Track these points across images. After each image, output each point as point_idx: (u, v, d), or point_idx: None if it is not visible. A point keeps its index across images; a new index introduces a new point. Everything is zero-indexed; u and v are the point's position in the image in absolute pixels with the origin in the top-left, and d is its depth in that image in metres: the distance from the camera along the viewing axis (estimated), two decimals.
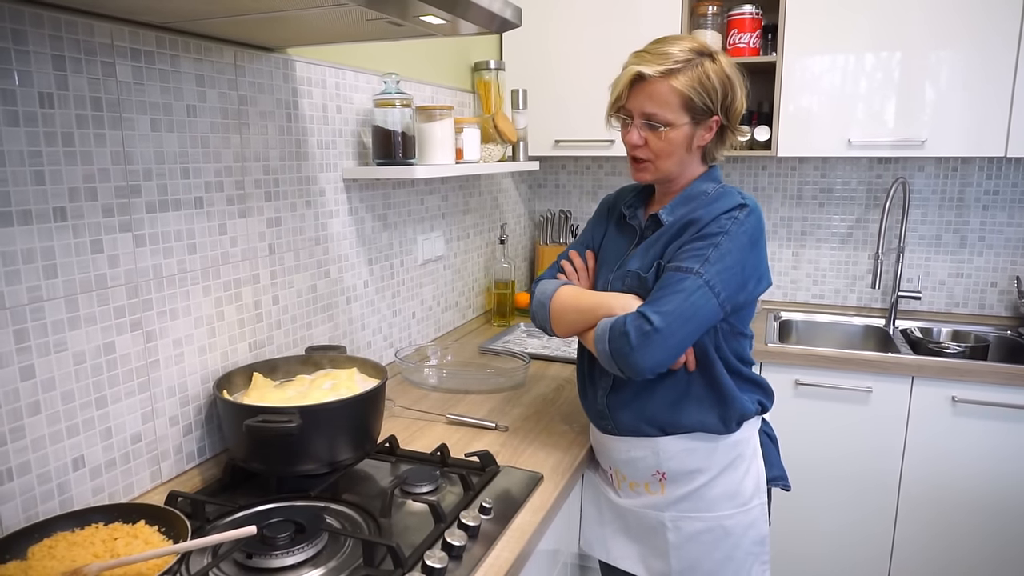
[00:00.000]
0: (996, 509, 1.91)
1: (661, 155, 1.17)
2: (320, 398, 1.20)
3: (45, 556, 0.87)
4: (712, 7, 2.20)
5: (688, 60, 1.12)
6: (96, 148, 1.03)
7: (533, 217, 2.82)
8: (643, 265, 1.18)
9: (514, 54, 2.35)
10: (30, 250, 0.96)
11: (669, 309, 1.08)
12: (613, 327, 1.11)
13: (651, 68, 1.11)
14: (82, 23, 1.00)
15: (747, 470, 1.25)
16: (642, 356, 1.08)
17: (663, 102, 1.12)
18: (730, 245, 1.11)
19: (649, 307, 1.10)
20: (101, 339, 1.07)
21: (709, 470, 1.22)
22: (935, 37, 1.98)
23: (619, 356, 1.10)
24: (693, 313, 1.08)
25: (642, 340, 1.08)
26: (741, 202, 1.14)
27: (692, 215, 1.15)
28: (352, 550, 1.00)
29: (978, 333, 2.25)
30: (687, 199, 1.19)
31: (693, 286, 1.08)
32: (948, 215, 2.36)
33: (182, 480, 1.22)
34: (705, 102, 1.13)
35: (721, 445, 1.22)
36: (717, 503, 1.23)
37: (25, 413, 0.97)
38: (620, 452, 1.27)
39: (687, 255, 1.11)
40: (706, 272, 1.09)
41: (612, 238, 1.31)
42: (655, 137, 1.15)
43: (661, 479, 1.24)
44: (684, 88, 1.11)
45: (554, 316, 1.25)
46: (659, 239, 1.19)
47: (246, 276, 1.34)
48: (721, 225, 1.12)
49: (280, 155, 1.40)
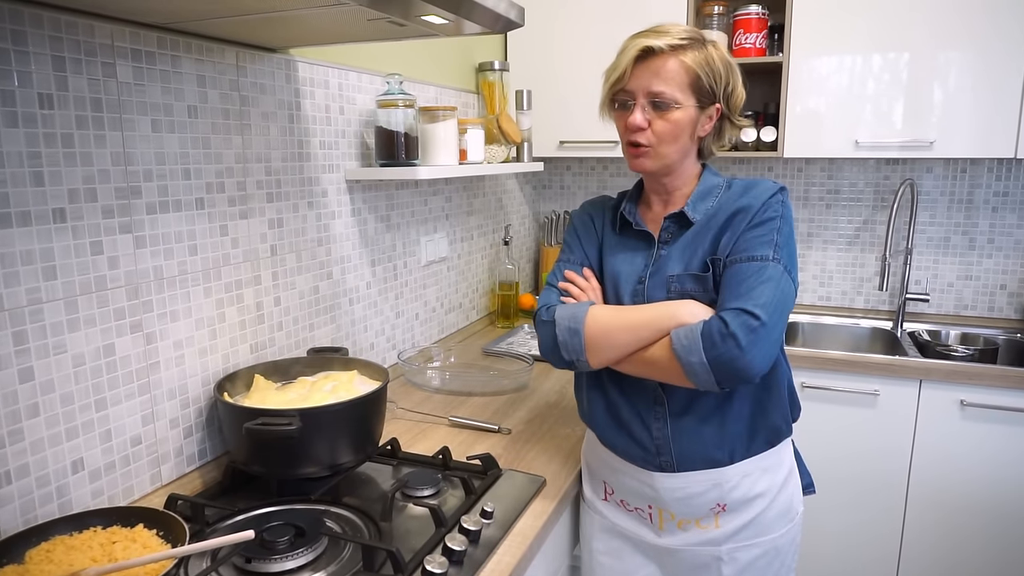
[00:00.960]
0: (1005, 513, 1.89)
1: (665, 139, 1.07)
2: (321, 400, 1.19)
3: (43, 560, 0.86)
4: (718, 7, 2.18)
5: (692, 39, 1.07)
6: (96, 149, 1.03)
7: (537, 218, 2.81)
8: (692, 265, 1.09)
9: (518, 54, 2.35)
10: (29, 252, 0.95)
11: (766, 300, 0.99)
12: (707, 333, 0.99)
13: (660, 41, 1.05)
14: (82, 23, 0.99)
15: (796, 482, 1.20)
16: (754, 356, 0.98)
17: (671, 79, 1.05)
18: (787, 228, 1.06)
19: (746, 302, 0.99)
20: (101, 341, 1.06)
21: (769, 493, 1.14)
22: (943, 38, 1.96)
23: (724, 363, 0.98)
24: (785, 301, 1.01)
25: (752, 339, 0.97)
26: (780, 185, 1.09)
27: (737, 204, 1.08)
28: (352, 554, 0.99)
29: (987, 336, 2.23)
30: (704, 194, 1.12)
31: (777, 273, 1.01)
32: (957, 217, 2.34)
33: (182, 483, 1.21)
34: (711, 84, 1.07)
35: (775, 463, 1.15)
36: (774, 525, 1.15)
37: (24, 415, 0.96)
38: (673, 491, 1.14)
39: (754, 243, 1.04)
40: (782, 257, 1.03)
41: (616, 250, 1.19)
42: (660, 119, 1.07)
43: (719, 512, 1.14)
44: (694, 65, 1.05)
45: (593, 342, 1.08)
46: (699, 236, 1.10)
47: (247, 277, 1.34)
48: (775, 210, 1.06)
49: (282, 156, 1.40)
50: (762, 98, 2.40)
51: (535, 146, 2.28)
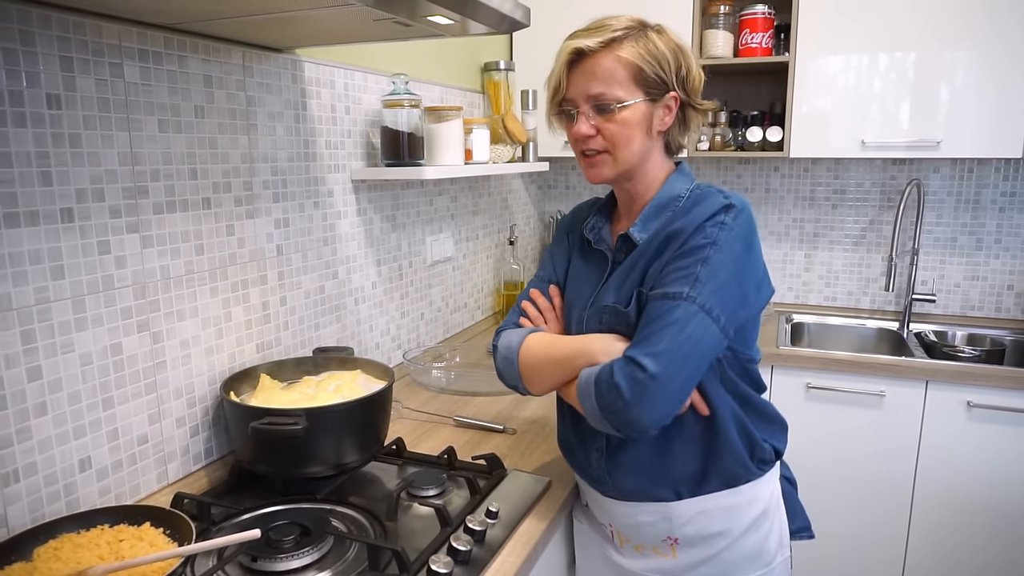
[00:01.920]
0: (1011, 514, 1.88)
1: (618, 142, 0.98)
2: (327, 400, 1.20)
3: (50, 558, 0.87)
4: (724, 7, 2.18)
5: (629, 28, 0.97)
6: (104, 149, 1.03)
7: (543, 218, 2.81)
8: (620, 297, 1.00)
9: (524, 54, 2.34)
10: (37, 251, 0.96)
11: (663, 348, 0.89)
12: (599, 379, 0.93)
13: (590, 40, 0.96)
14: (90, 24, 1.00)
15: (771, 527, 1.08)
16: (640, 411, 0.89)
17: (609, 77, 0.96)
18: (721, 257, 0.92)
19: (638, 349, 0.91)
20: (108, 340, 1.07)
21: (730, 533, 1.05)
22: (949, 37, 1.95)
23: (612, 414, 0.92)
24: (692, 348, 0.90)
25: (637, 392, 0.89)
26: (726, 202, 0.96)
27: (671, 227, 0.97)
28: (357, 554, 0.99)
29: (994, 337, 2.22)
30: (659, 208, 1.02)
31: (687, 315, 0.90)
32: (964, 217, 2.33)
33: (188, 481, 1.22)
34: (657, 72, 0.96)
35: (742, 502, 1.05)
36: (739, 566, 1.06)
37: (32, 414, 0.97)
38: (624, 516, 1.09)
39: (672, 277, 0.93)
40: (699, 294, 0.91)
41: (578, 268, 1.11)
42: (607, 122, 0.97)
43: (673, 544, 1.07)
44: (631, 57, 0.95)
45: (525, 373, 1.05)
46: (636, 263, 1.00)
47: (254, 277, 1.34)
48: (707, 235, 0.93)
49: (288, 156, 1.40)
50: (768, 98, 2.39)
51: (540, 146, 2.28)
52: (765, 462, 1.07)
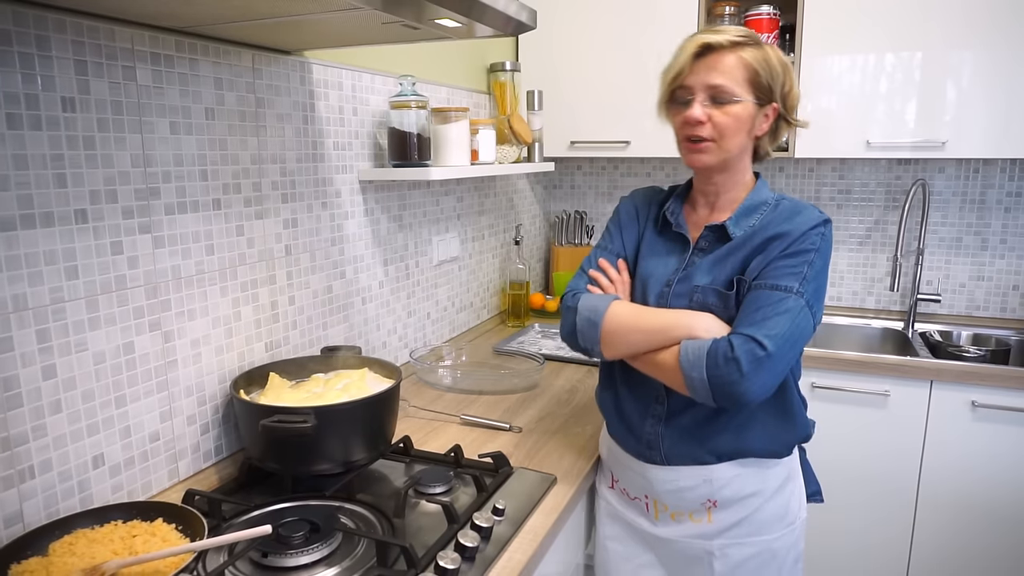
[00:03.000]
0: (1016, 514, 1.88)
1: (727, 133, 1.07)
2: (335, 398, 1.21)
3: (66, 553, 0.89)
4: (729, 8, 2.19)
5: (751, 36, 1.08)
6: (116, 151, 1.05)
7: (548, 218, 2.82)
8: (718, 280, 1.10)
9: (530, 55, 2.36)
10: (52, 252, 0.98)
11: (779, 332, 1.00)
12: (713, 352, 1.01)
13: (719, 37, 1.06)
14: (104, 28, 1.01)
15: (793, 488, 1.20)
16: (751, 385, 0.99)
17: (730, 74, 1.06)
18: (821, 263, 1.06)
19: (757, 330, 1.01)
20: (121, 339, 1.08)
21: (763, 493, 1.15)
22: (956, 36, 1.95)
23: (723, 384, 1.00)
24: (798, 335, 1.03)
25: (754, 367, 0.99)
26: (824, 216, 1.09)
27: (777, 228, 1.08)
28: (366, 550, 1.00)
29: (999, 337, 2.22)
30: (749, 210, 1.12)
31: (796, 306, 1.02)
32: (969, 217, 2.33)
33: (199, 479, 1.23)
34: (768, 81, 1.07)
35: (771, 465, 1.16)
36: (768, 526, 1.16)
37: (47, 412, 0.99)
38: (665, 483, 1.17)
39: (782, 272, 1.04)
40: (805, 291, 1.03)
41: (654, 246, 1.20)
42: (721, 112, 1.07)
43: (711, 507, 1.16)
44: (752, 61, 1.06)
45: (608, 337, 1.12)
46: (732, 252, 1.10)
47: (263, 277, 1.36)
48: (812, 242, 1.05)
49: (297, 157, 1.42)
50: None
51: (546, 146, 2.29)
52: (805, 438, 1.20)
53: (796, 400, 1.17)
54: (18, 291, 0.94)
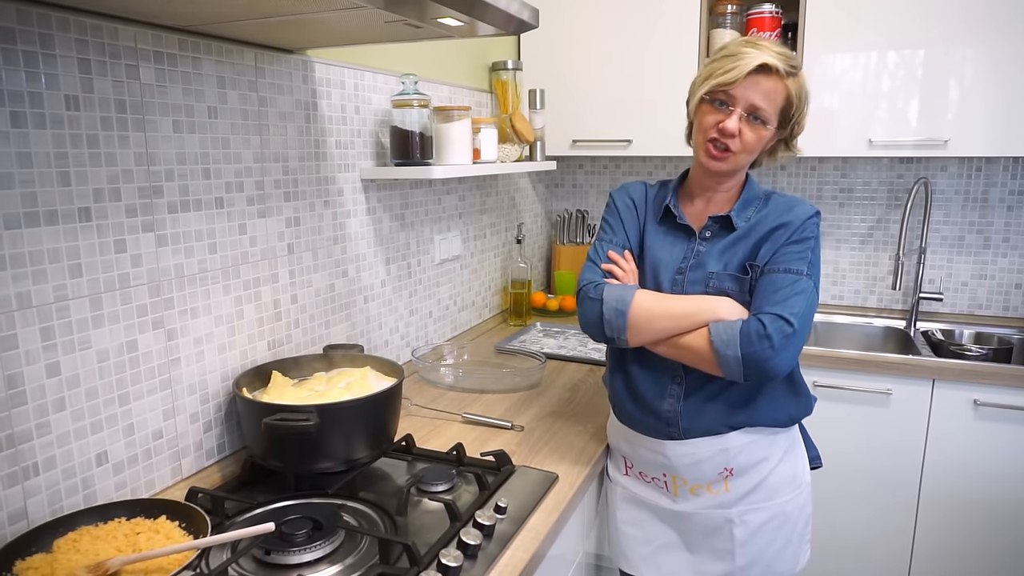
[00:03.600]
0: (1018, 513, 1.88)
1: (749, 149, 1.16)
2: (337, 397, 1.21)
3: (70, 549, 0.89)
4: (731, 6, 2.18)
5: (796, 67, 1.14)
6: (120, 149, 1.05)
7: (550, 217, 2.82)
8: (731, 266, 1.18)
9: (532, 54, 2.36)
10: (56, 250, 0.98)
11: (799, 311, 1.09)
12: (746, 331, 1.09)
13: (779, 62, 1.11)
14: (107, 27, 1.02)
15: (798, 452, 1.29)
16: (782, 359, 1.09)
17: (773, 100, 1.13)
18: (819, 250, 1.17)
19: (783, 309, 1.10)
20: (124, 337, 1.09)
21: (773, 456, 1.24)
22: (958, 35, 1.95)
23: (756, 360, 1.09)
24: (812, 313, 1.13)
25: (784, 342, 1.08)
26: (816, 209, 1.19)
27: (780, 219, 1.17)
28: (368, 548, 1.01)
29: (1002, 335, 2.22)
30: (747, 203, 1.21)
31: (808, 287, 1.12)
32: (971, 216, 2.33)
33: (202, 476, 1.24)
34: (793, 113, 1.16)
35: (777, 431, 1.25)
36: (779, 489, 1.25)
37: (51, 409, 0.99)
38: (683, 457, 1.23)
39: (792, 257, 1.14)
40: (812, 274, 1.14)
41: (658, 238, 1.26)
42: (752, 132, 1.14)
43: (727, 476, 1.23)
44: (792, 93, 1.14)
45: (636, 324, 1.17)
46: (739, 241, 1.19)
47: (265, 275, 1.36)
48: (811, 230, 1.16)
49: (299, 155, 1.42)
50: None
51: (548, 145, 2.30)
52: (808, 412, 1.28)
53: (800, 375, 1.27)
54: (22, 289, 0.94)
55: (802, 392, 1.27)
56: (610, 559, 1.45)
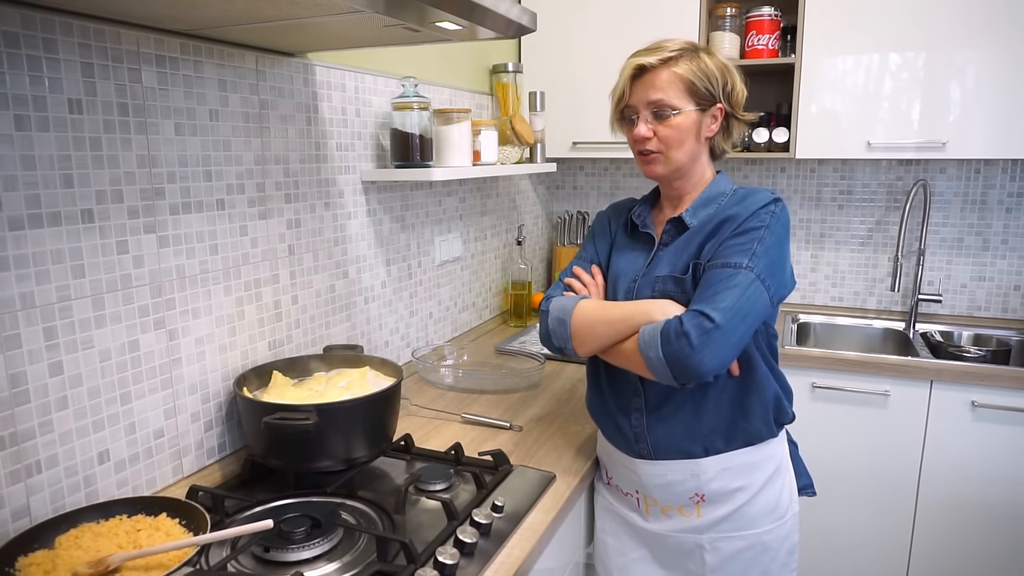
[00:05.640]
0: (1016, 514, 1.88)
1: (671, 144, 1.14)
2: (337, 396, 1.22)
3: (72, 546, 0.90)
4: (730, 9, 2.19)
5: (683, 50, 1.14)
6: (122, 152, 1.07)
7: (550, 218, 2.83)
8: (676, 267, 1.15)
9: (532, 56, 2.37)
10: (59, 251, 0.99)
11: (727, 305, 1.03)
12: (666, 330, 1.06)
13: (650, 58, 1.13)
14: (110, 31, 1.03)
15: (783, 482, 1.22)
16: (704, 357, 1.03)
17: (666, 89, 1.13)
18: (772, 239, 1.09)
19: (705, 304, 1.05)
20: (126, 337, 1.10)
21: (751, 487, 1.18)
22: (958, 37, 1.95)
23: (677, 360, 1.04)
24: (750, 308, 1.05)
25: (704, 339, 1.02)
26: (774, 196, 1.14)
27: (726, 212, 1.13)
28: (366, 545, 1.02)
29: (1000, 337, 2.22)
30: (707, 200, 1.18)
31: (746, 281, 1.06)
32: (970, 217, 2.33)
33: (203, 475, 1.25)
34: (707, 87, 1.13)
35: (761, 459, 1.19)
36: (758, 519, 1.19)
37: (54, 408, 1.00)
38: (653, 477, 1.21)
39: (732, 251, 1.09)
40: (756, 266, 1.07)
41: (623, 250, 1.27)
42: (663, 126, 1.14)
43: (699, 501, 1.19)
44: (685, 73, 1.12)
45: (577, 332, 1.17)
46: (690, 241, 1.16)
47: (266, 276, 1.37)
48: (761, 219, 1.10)
49: (300, 158, 1.43)
50: (774, 99, 2.40)
51: (548, 147, 2.31)
52: (780, 424, 1.22)
53: (767, 377, 1.18)
54: (25, 289, 0.96)
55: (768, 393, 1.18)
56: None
